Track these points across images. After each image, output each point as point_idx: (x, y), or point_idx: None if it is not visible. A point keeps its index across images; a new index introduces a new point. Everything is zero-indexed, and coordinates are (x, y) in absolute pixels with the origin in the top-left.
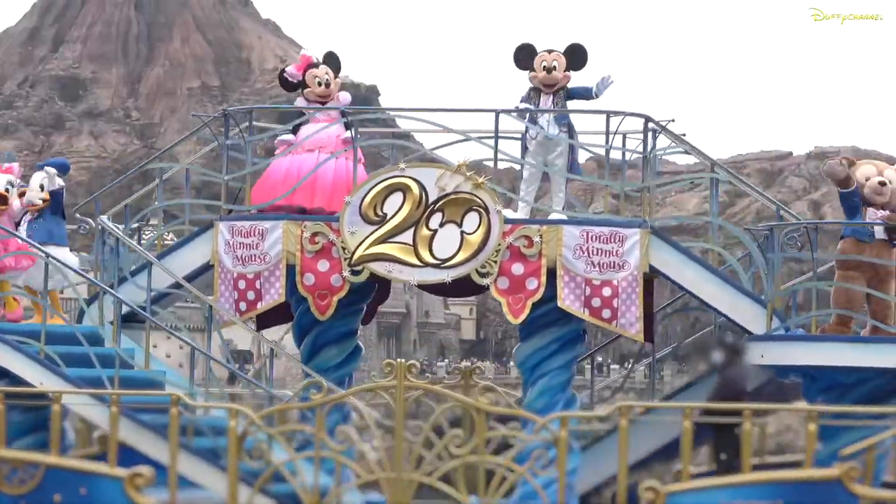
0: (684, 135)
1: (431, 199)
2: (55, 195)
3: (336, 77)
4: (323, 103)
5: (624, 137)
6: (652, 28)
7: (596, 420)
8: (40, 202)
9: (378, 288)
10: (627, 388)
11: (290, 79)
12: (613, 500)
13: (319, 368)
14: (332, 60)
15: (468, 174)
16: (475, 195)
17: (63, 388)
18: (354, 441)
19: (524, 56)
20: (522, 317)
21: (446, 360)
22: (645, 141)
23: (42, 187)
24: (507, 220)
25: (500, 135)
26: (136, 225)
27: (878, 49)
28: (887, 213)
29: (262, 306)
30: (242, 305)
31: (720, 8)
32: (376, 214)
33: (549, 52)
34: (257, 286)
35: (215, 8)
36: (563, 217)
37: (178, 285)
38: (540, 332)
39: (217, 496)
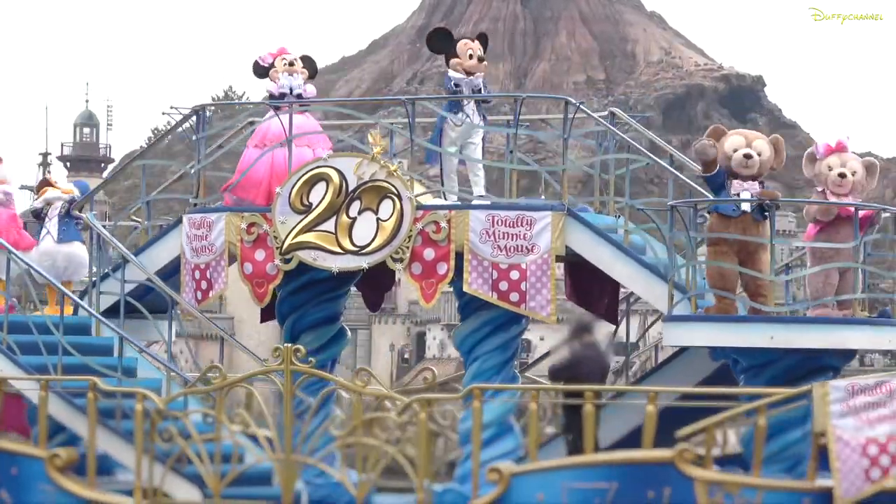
0: (647, 118)
1: (351, 187)
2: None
3: (307, 76)
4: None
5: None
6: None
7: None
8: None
9: (368, 275)
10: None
11: (261, 62)
12: None
13: None
14: (308, 63)
15: (382, 162)
16: (389, 182)
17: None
18: (249, 424)
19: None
20: (433, 301)
21: None
22: (564, 123)
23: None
24: (418, 206)
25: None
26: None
27: (878, 49)
28: (755, 185)
29: (213, 295)
30: (199, 294)
31: (720, 8)
32: (303, 204)
33: (473, 40)
34: (208, 276)
35: (600, 1)
36: (487, 203)
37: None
38: (473, 315)
39: None
